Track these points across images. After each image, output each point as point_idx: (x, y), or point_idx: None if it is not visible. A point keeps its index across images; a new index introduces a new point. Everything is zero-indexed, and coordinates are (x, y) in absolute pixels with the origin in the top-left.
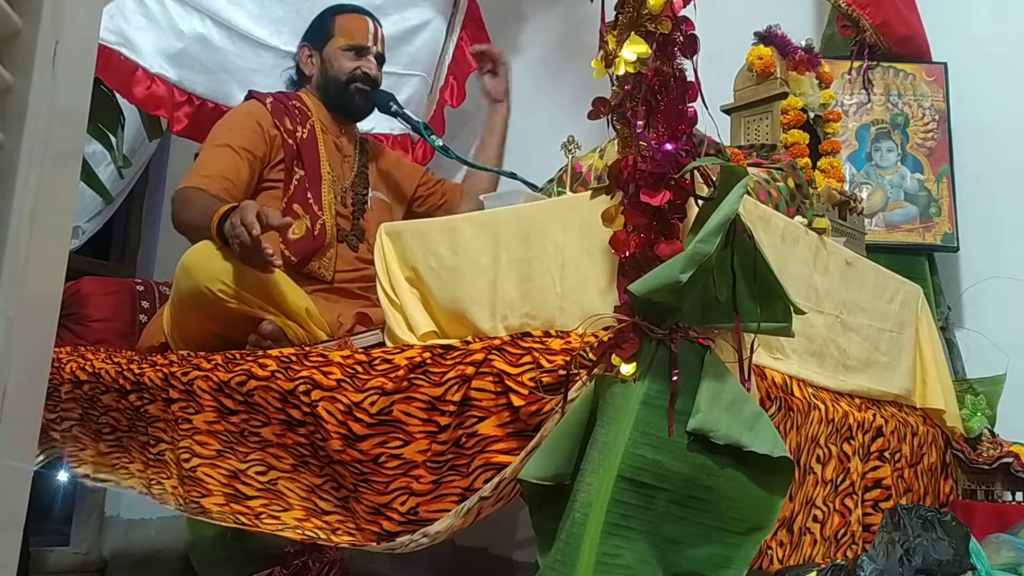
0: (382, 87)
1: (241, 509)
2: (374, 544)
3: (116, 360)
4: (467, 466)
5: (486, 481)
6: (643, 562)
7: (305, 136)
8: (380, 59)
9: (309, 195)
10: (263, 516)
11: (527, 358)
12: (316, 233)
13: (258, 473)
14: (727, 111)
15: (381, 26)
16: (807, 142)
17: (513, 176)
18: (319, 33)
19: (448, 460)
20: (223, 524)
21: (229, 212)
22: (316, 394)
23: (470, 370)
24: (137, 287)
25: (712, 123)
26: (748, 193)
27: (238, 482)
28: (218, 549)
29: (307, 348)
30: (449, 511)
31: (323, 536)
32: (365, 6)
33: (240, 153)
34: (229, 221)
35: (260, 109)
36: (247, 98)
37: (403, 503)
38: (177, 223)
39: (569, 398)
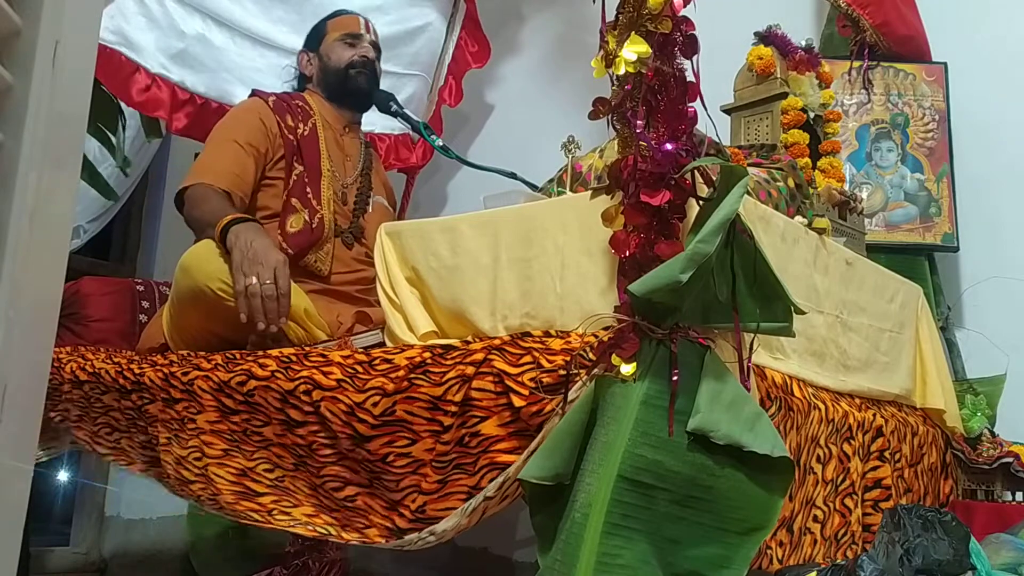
0: (382, 87)
1: (253, 506)
2: (382, 541)
3: (116, 360)
4: (473, 465)
5: (491, 481)
6: (643, 562)
7: (306, 133)
8: (376, 48)
9: (308, 190)
10: (275, 512)
11: (527, 358)
12: (314, 226)
13: (266, 470)
14: (727, 111)
15: (373, 24)
16: (807, 142)
17: (513, 176)
18: (314, 37)
19: (453, 459)
20: (238, 521)
21: (234, 222)
22: (316, 394)
23: (470, 370)
24: (137, 287)
25: (711, 123)
26: (748, 193)
27: (247, 479)
28: (218, 549)
29: (307, 348)
30: (456, 509)
31: (333, 532)
32: (366, 6)
33: (246, 148)
34: (245, 256)
35: (263, 106)
36: (250, 96)
37: (413, 500)
38: (188, 219)
39: (569, 398)
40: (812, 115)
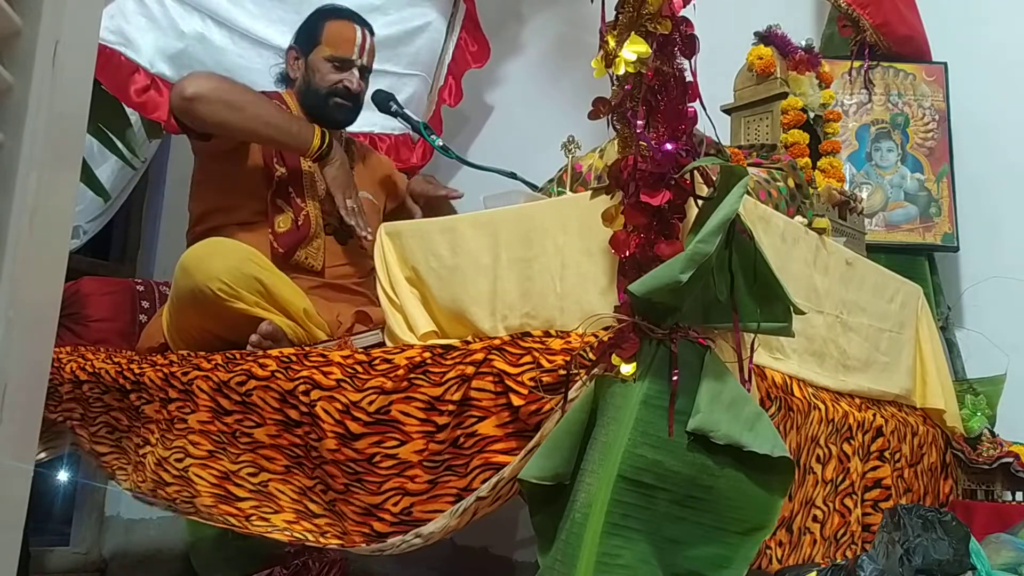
0: (382, 87)
1: (231, 510)
2: (363, 546)
3: (116, 360)
4: (465, 466)
5: (484, 481)
6: (643, 562)
7: None
8: (366, 72)
9: (291, 189)
10: (253, 518)
11: (527, 358)
12: (300, 224)
13: (250, 474)
14: (727, 111)
15: (372, 33)
16: (807, 142)
17: (513, 176)
18: (307, 37)
19: (445, 460)
20: (213, 525)
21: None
22: (315, 394)
23: (470, 370)
24: (137, 287)
25: (711, 123)
26: (748, 193)
27: (229, 483)
28: (218, 549)
29: (307, 348)
30: (444, 511)
31: (312, 538)
32: (364, 7)
33: None
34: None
35: None
36: None
37: (396, 503)
38: (215, 107)
39: (569, 398)
40: (812, 115)
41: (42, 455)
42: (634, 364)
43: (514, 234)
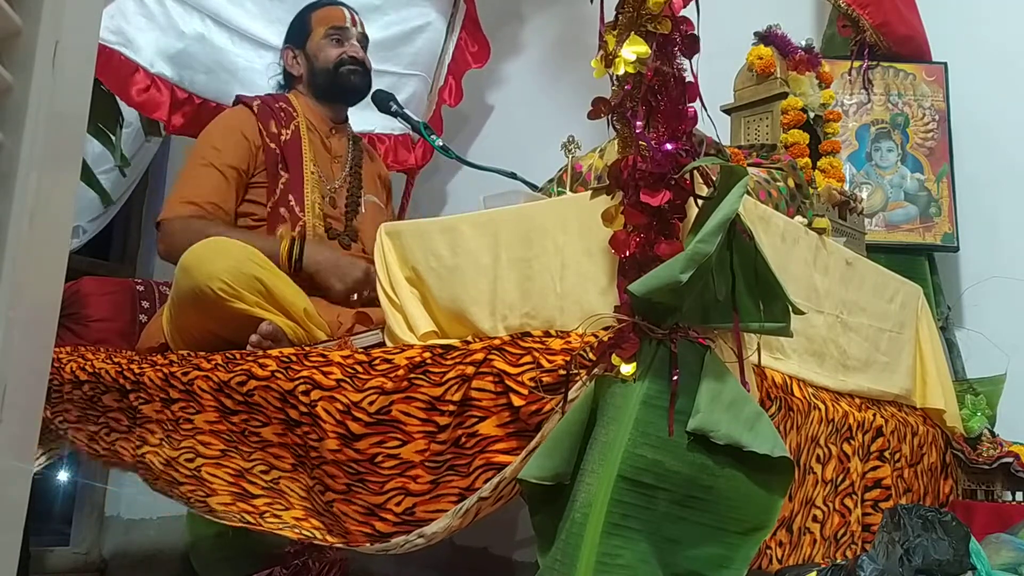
0: (382, 87)
1: (247, 508)
2: (367, 545)
3: (116, 360)
4: (467, 466)
5: (486, 481)
6: (643, 562)
7: (288, 138)
8: (364, 40)
9: (291, 198)
10: (267, 515)
11: (527, 358)
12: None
13: (262, 472)
14: (727, 111)
15: (358, 14)
16: (807, 142)
17: (513, 176)
18: (299, 32)
19: (447, 460)
20: (229, 523)
21: (297, 246)
22: (316, 394)
23: (470, 370)
24: (137, 287)
25: (711, 123)
26: (748, 193)
27: (244, 481)
28: (218, 549)
29: (307, 348)
30: (447, 511)
31: (319, 536)
32: (364, 7)
33: (226, 173)
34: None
35: (247, 117)
36: (235, 103)
37: (399, 503)
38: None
39: (569, 398)
40: (812, 115)
41: (41, 459)
42: (634, 364)
43: (514, 234)
